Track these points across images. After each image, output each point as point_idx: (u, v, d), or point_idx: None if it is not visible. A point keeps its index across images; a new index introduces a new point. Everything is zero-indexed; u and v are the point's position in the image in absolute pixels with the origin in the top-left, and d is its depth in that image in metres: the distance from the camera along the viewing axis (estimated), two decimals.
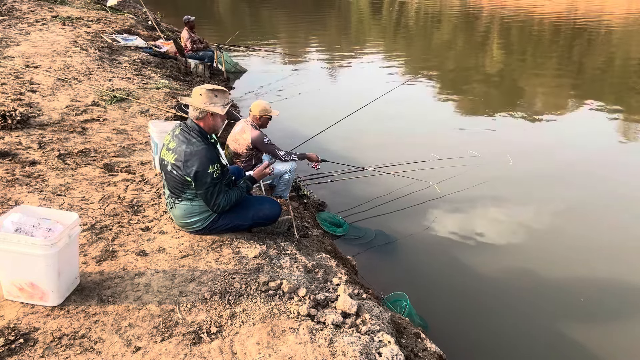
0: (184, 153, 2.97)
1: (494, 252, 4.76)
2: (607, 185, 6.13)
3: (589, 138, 7.82)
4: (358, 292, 2.97)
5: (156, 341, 2.31)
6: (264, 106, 4.39)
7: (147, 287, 2.68)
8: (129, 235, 3.16)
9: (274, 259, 3.12)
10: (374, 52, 15.00)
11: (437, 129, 8.08)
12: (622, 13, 23.68)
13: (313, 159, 4.70)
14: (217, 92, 3.08)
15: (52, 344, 2.23)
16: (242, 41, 13.69)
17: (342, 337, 2.40)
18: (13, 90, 5.79)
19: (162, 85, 7.01)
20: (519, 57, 14.58)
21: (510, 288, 4.26)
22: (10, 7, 10.73)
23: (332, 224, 4.88)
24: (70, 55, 7.72)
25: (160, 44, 10.11)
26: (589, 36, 17.70)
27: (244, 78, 10.88)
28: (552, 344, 3.67)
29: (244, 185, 3.28)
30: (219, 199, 3.05)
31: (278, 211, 3.45)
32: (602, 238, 5.02)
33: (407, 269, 4.52)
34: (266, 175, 3.58)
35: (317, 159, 4.71)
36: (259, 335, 2.39)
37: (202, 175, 2.96)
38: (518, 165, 6.35)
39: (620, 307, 4.08)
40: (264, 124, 4.46)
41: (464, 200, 5.61)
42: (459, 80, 11.79)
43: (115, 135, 5.00)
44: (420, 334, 3.02)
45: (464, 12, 24.88)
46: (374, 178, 5.74)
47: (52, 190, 3.65)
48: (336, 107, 9.07)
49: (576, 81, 11.94)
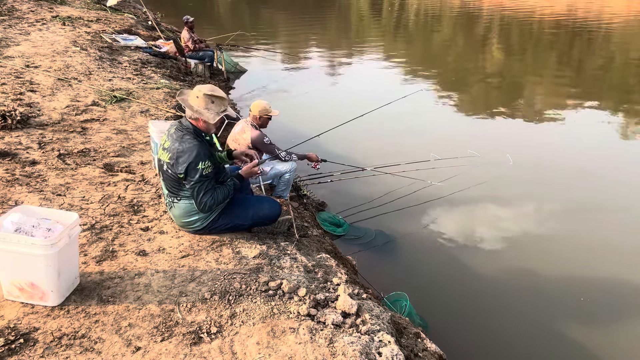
0: (177, 150, 2.97)
1: (494, 252, 4.76)
2: (607, 185, 6.13)
3: (589, 138, 7.82)
4: (358, 292, 2.97)
5: (156, 341, 2.31)
6: (264, 106, 4.39)
7: (147, 287, 2.68)
8: (129, 235, 3.16)
9: (274, 259, 3.12)
10: (374, 52, 15.00)
11: (437, 129, 8.08)
12: (622, 13, 23.68)
13: (313, 158, 4.70)
14: (214, 99, 3.06)
15: (52, 344, 2.22)
16: (242, 41, 13.70)
17: (342, 337, 2.40)
18: (13, 90, 5.78)
19: (162, 85, 7.01)
20: (519, 57, 14.59)
21: (510, 288, 4.26)
22: (10, 7, 10.73)
23: (332, 224, 4.88)
24: (70, 55, 7.72)
25: (160, 44, 10.11)
26: (589, 36, 17.70)
27: (244, 78, 10.89)
28: (552, 343, 3.67)
29: (231, 184, 3.21)
30: (205, 197, 3.00)
31: (278, 211, 3.45)
32: (602, 238, 5.02)
33: (407, 269, 4.52)
34: (254, 174, 3.44)
35: (317, 158, 4.72)
36: (259, 335, 2.39)
37: (191, 171, 2.95)
38: (518, 165, 6.35)
39: (620, 307, 4.08)
40: (264, 124, 4.46)
41: (464, 200, 5.61)
42: (459, 80, 11.80)
43: (115, 135, 5.00)
44: (420, 334, 3.02)
45: (464, 12, 24.88)
46: (373, 178, 5.74)
47: (52, 190, 3.65)
48: (336, 107, 9.09)
49: (576, 81, 11.94)
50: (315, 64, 12.89)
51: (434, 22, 22.88)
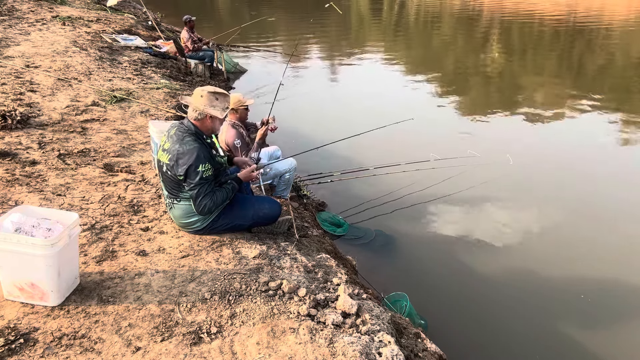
0: (177, 152, 2.97)
1: (494, 252, 4.76)
2: (608, 185, 6.13)
3: (589, 138, 7.82)
4: (358, 292, 2.97)
5: (156, 341, 2.31)
6: (238, 97, 4.27)
7: (147, 287, 2.68)
8: (129, 235, 3.16)
9: (274, 259, 3.12)
10: (373, 52, 15.00)
11: (437, 129, 8.08)
12: (622, 13, 23.68)
13: (264, 131, 4.34)
14: (218, 95, 3.09)
15: (52, 344, 2.22)
16: (241, 41, 13.70)
17: (342, 337, 2.40)
18: (13, 90, 5.79)
19: (162, 85, 7.02)
20: (519, 57, 14.58)
21: (510, 288, 4.26)
22: (10, 7, 10.72)
23: (332, 224, 4.88)
24: (70, 55, 7.72)
25: (160, 44, 10.11)
26: (589, 36, 17.70)
27: (243, 78, 10.89)
28: (552, 344, 3.67)
29: (229, 187, 3.21)
30: (204, 199, 3.00)
31: (278, 211, 3.45)
32: (602, 238, 5.01)
33: (407, 269, 4.52)
34: (252, 179, 3.47)
35: (264, 130, 4.33)
36: (259, 335, 2.39)
37: (191, 173, 2.95)
38: (518, 165, 6.35)
39: (621, 308, 4.08)
40: (242, 116, 4.34)
41: (464, 200, 5.61)
42: (459, 80, 11.79)
43: (115, 135, 5.00)
44: (420, 334, 3.02)
45: (464, 12, 24.88)
46: (373, 178, 5.75)
47: (52, 190, 3.65)
48: (336, 107, 9.09)
49: (576, 81, 11.93)
50: (315, 64, 12.89)
51: (434, 22, 22.89)
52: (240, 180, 3.35)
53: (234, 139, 4.15)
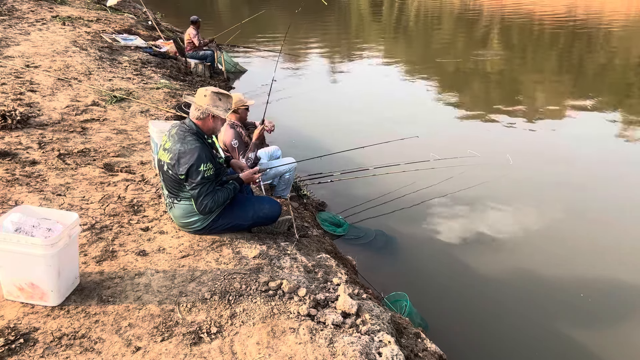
0: (178, 151, 2.97)
1: (494, 252, 4.76)
2: (608, 185, 6.13)
3: (589, 138, 7.82)
4: (358, 292, 2.97)
5: (156, 341, 2.31)
6: (239, 97, 4.26)
7: (147, 287, 2.68)
8: (129, 235, 3.16)
9: (274, 259, 3.12)
10: (373, 52, 15.00)
11: (437, 129, 8.08)
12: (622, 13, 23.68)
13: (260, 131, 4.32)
14: (221, 96, 3.10)
15: (52, 344, 2.22)
16: (242, 42, 13.70)
17: (342, 337, 2.40)
18: (13, 90, 5.78)
19: (162, 85, 7.01)
20: (519, 57, 14.58)
21: (510, 288, 4.26)
22: (10, 7, 10.73)
23: (332, 224, 4.88)
24: (70, 55, 7.72)
25: (160, 43, 10.11)
26: (589, 36, 17.69)
27: (243, 78, 10.89)
28: (552, 343, 3.67)
29: (231, 187, 3.21)
30: (206, 199, 3.01)
31: (278, 211, 3.45)
32: (603, 238, 5.01)
33: (407, 269, 4.51)
34: (254, 181, 3.52)
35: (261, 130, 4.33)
36: (259, 335, 2.39)
37: (192, 172, 2.95)
38: (518, 165, 6.35)
39: (621, 307, 4.08)
40: (242, 116, 4.34)
41: (464, 200, 5.61)
42: (459, 80, 11.79)
43: (115, 135, 5.00)
44: (420, 334, 3.02)
45: (464, 12, 24.88)
46: (373, 178, 5.75)
47: (52, 190, 3.65)
48: (336, 107, 9.09)
49: (576, 81, 11.93)
50: (315, 64, 12.90)
51: (434, 22, 22.88)
52: (242, 181, 3.37)
53: (231, 139, 4.16)
